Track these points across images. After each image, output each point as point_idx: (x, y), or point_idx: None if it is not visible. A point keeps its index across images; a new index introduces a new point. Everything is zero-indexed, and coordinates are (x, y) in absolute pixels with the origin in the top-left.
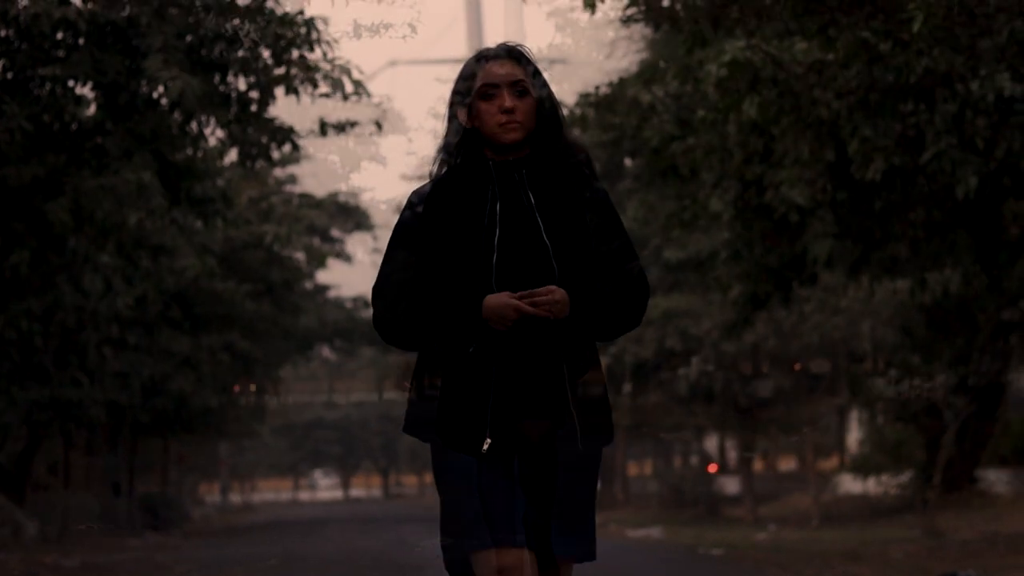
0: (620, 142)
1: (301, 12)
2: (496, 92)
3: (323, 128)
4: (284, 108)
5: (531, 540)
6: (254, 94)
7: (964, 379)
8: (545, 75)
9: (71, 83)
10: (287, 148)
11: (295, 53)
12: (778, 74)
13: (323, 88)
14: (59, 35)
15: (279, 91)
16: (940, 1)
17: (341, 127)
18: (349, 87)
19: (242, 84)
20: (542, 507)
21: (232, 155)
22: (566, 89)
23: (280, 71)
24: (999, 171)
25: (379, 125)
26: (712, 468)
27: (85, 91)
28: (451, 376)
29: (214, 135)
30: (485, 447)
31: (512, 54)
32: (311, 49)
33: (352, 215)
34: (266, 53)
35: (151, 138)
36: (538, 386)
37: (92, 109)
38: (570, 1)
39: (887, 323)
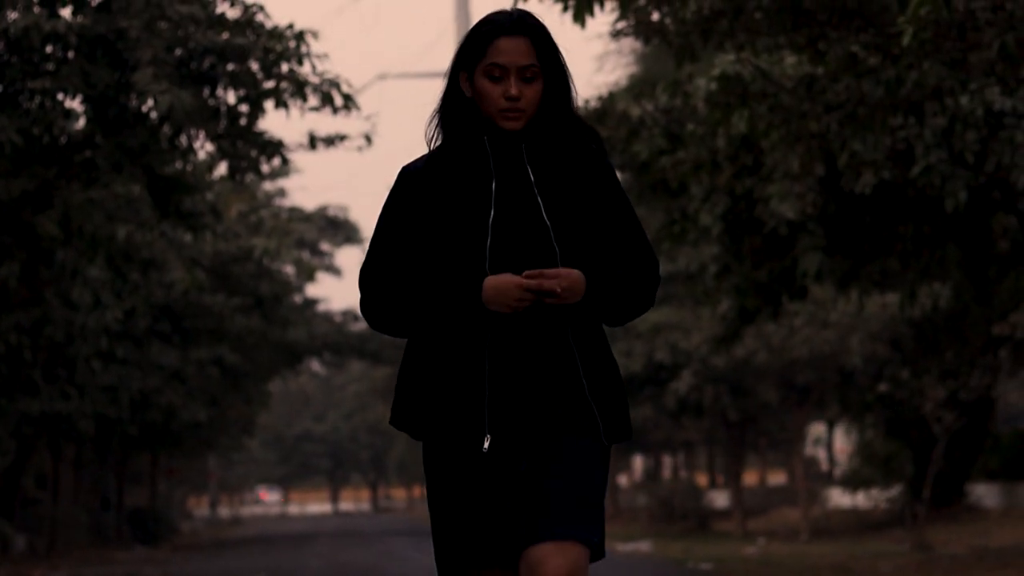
0: (610, 156)
1: (291, 26)
2: (503, 75)
3: (312, 142)
4: (274, 121)
5: (526, 538)
6: (244, 107)
7: (954, 393)
8: None
9: (61, 96)
10: (276, 161)
11: (284, 67)
12: (768, 88)
13: (312, 102)
14: (49, 48)
15: (268, 104)
16: (930, 15)
17: (330, 141)
18: (339, 101)
19: (232, 97)
20: (544, 503)
21: (221, 168)
22: None
23: (270, 85)
24: (989, 185)
25: (368, 139)
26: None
27: (75, 104)
28: (442, 363)
29: (203, 148)
30: (486, 446)
31: (527, 30)
32: (300, 63)
33: (341, 228)
34: (255, 66)
35: (140, 151)
36: (547, 376)
37: (82, 122)
38: (561, 25)
39: (877, 337)
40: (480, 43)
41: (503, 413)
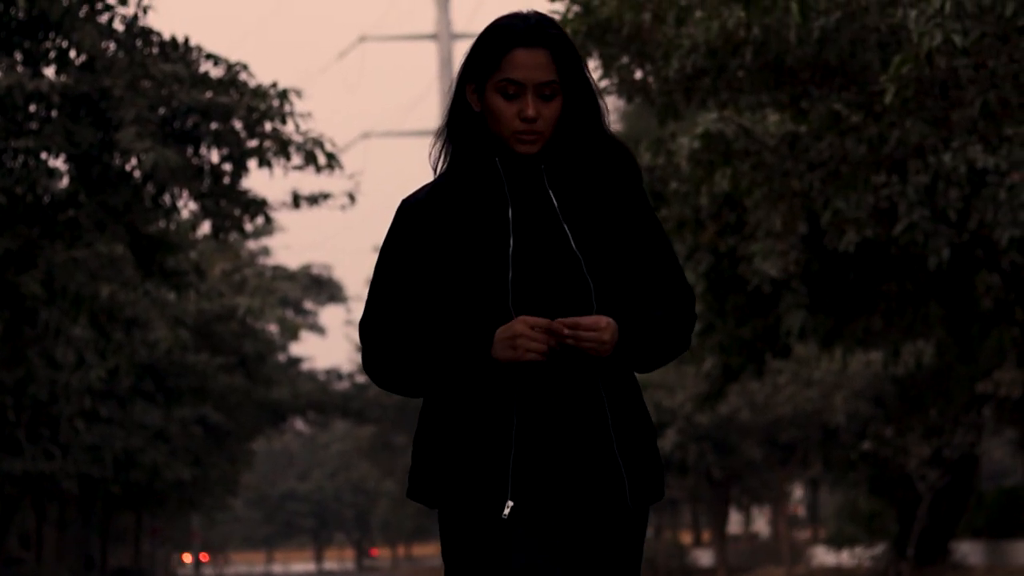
0: None
1: (274, 85)
2: (518, 92)
3: (296, 200)
4: (257, 180)
5: None
6: (227, 166)
7: (938, 451)
8: None
9: (44, 155)
10: (260, 220)
11: (268, 125)
12: (751, 146)
13: (296, 160)
14: (32, 107)
15: (252, 163)
16: (912, 73)
17: (314, 199)
18: (322, 159)
19: (215, 156)
20: None
21: (205, 227)
22: None
23: (253, 143)
24: (971, 243)
25: (352, 197)
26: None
27: (58, 163)
28: (464, 421)
29: (187, 207)
30: (506, 512)
31: (547, 41)
32: (284, 121)
33: (325, 287)
34: (239, 125)
35: (124, 210)
36: (575, 434)
37: (65, 181)
38: None
39: (860, 395)
40: (493, 54)
41: (527, 477)
